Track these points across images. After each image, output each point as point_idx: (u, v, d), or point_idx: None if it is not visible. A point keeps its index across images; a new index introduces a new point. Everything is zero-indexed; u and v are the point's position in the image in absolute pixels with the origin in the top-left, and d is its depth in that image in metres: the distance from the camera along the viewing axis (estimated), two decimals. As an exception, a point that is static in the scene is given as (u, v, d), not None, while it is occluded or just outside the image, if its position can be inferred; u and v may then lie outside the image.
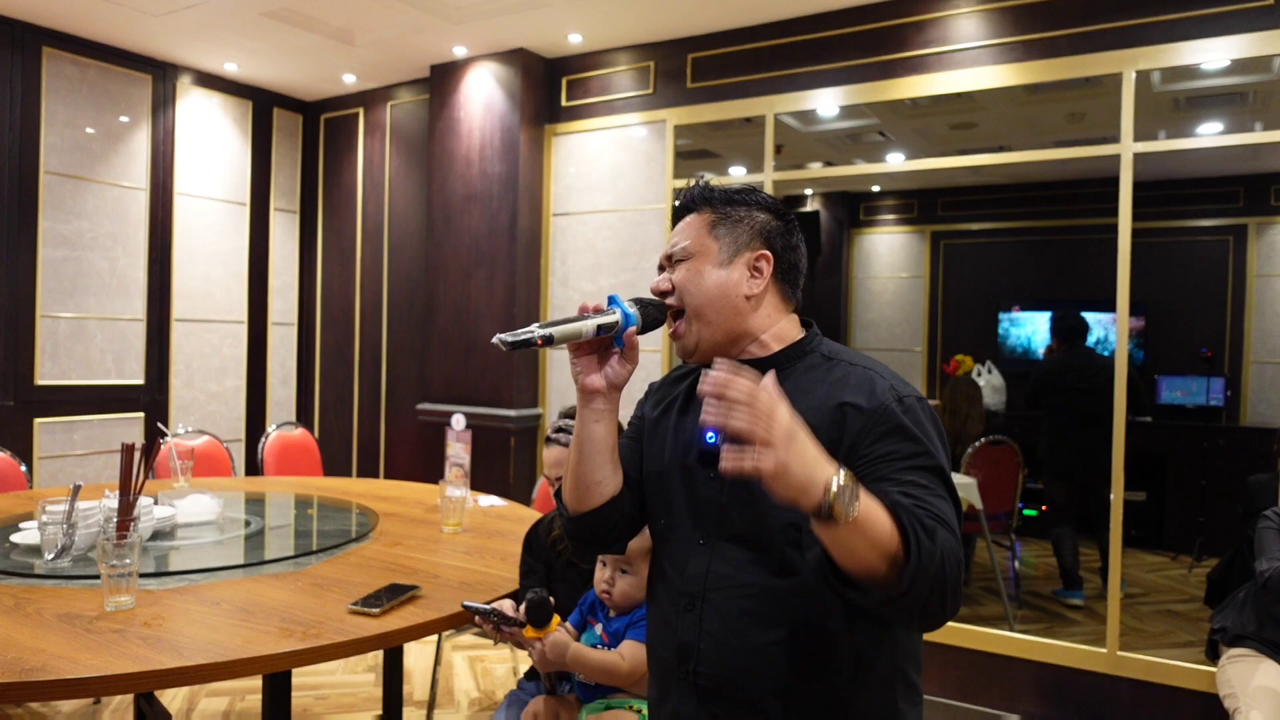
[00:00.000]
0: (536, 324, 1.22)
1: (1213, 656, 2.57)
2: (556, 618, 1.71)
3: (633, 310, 1.29)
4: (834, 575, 1.04)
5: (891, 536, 0.99)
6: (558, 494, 1.46)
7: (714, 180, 1.38)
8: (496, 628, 1.74)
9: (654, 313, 1.31)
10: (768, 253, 1.31)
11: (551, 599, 1.71)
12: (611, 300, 1.31)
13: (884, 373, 1.23)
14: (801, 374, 1.26)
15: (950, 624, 3.47)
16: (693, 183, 1.39)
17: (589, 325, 1.26)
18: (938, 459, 1.14)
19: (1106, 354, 4.60)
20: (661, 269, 1.38)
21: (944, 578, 1.02)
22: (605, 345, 1.33)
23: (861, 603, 1.05)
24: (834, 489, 0.94)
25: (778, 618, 1.19)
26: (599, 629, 1.81)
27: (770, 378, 0.99)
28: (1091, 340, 4.67)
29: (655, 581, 1.37)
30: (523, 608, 1.67)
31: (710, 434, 1.23)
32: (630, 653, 1.70)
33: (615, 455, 1.35)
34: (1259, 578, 2.33)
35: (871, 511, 0.98)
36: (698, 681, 1.23)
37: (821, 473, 0.95)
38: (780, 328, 1.32)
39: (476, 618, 1.72)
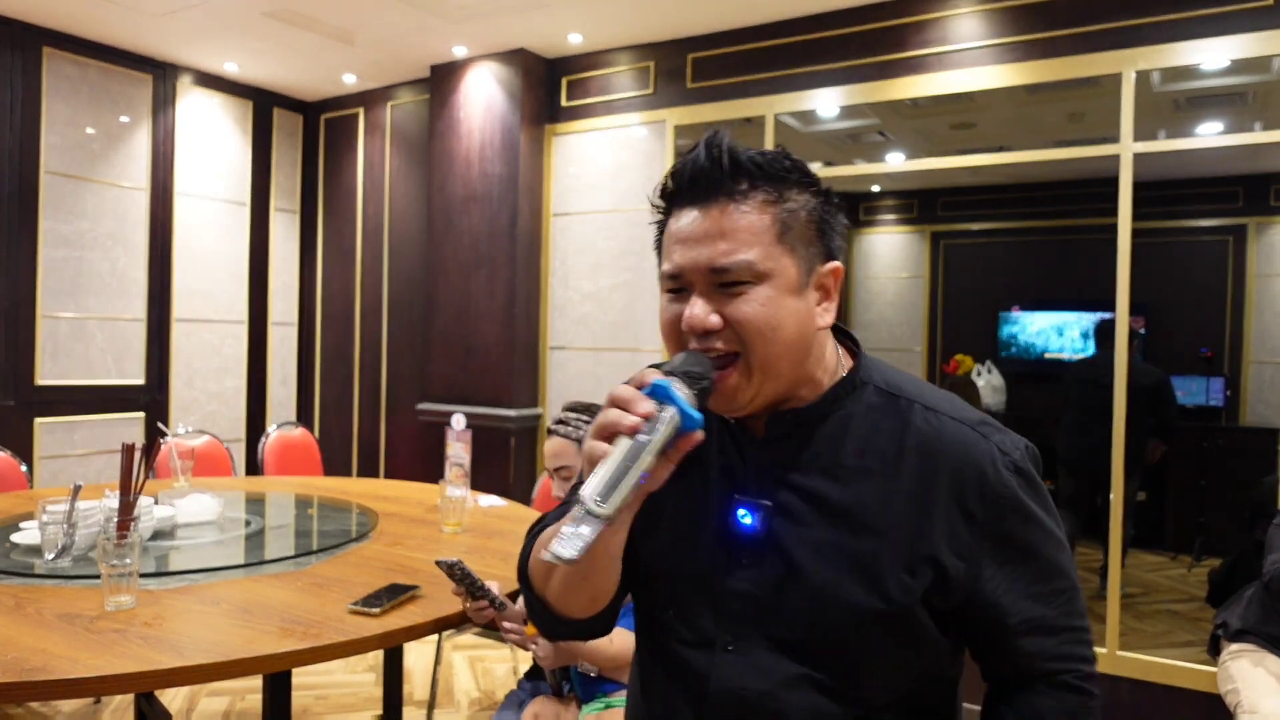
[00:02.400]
0: (581, 506, 0.80)
1: (1214, 653, 2.57)
2: None
3: (692, 402, 0.85)
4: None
5: None
6: (527, 585, 1.10)
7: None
8: (469, 593, 1.75)
9: (706, 385, 0.88)
10: (840, 265, 0.96)
11: None
12: (658, 391, 0.85)
13: (978, 423, 0.92)
14: (861, 418, 0.95)
15: (950, 624, 3.47)
16: (710, 140, 0.97)
17: (647, 460, 0.82)
18: (1068, 555, 0.92)
19: (1140, 359, 4.62)
20: (678, 286, 0.94)
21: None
22: None
23: None
24: None
25: None
26: None
27: None
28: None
29: (654, 688, 1.03)
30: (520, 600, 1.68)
31: (745, 511, 0.94)
32: (620, 638, 1.71)
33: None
34: (1264, 576, 2.33)
35: None
36: None
37: None
38: (828, 354, 0.99)
39: (455, 583, 1.74)
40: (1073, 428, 4.46)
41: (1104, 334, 4.51)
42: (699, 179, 0.95)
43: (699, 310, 0.90)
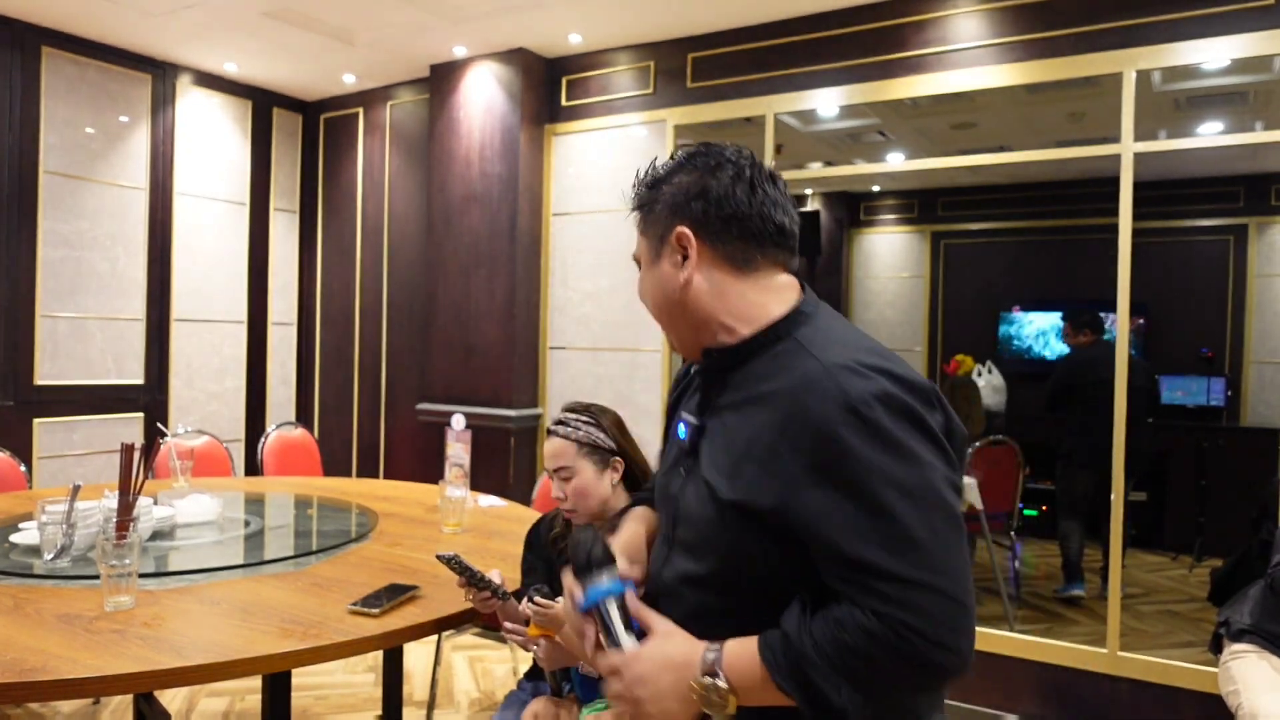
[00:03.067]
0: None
1: (1216, 650, 2.57)
2: None
3: (609, 574, 1.05)
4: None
5: (787, 697, 0.94)
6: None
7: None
8: (469, 584, 1.76)
9: (600, 555, 1.06)
10: (684, 228, 1.09)
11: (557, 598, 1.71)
12: (592, 597, 1.05)
13: (837, 366, 0.96)
14: (764, 366, 1.06)
15: (950, 624, 3.47)
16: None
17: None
18: (905, 500, 0.90)
19: (1134, 353, 4.59)
20: None
21: (897, 689, 0.94)
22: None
23: None
24: (700, 692, 0.95)
25: (723, 625, 1.02)
26: None
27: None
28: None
29: None
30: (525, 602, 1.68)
31: (682, 425, 1.15)
32: None
33: None
34: (1269, 575, 2.33)
35: (757, 689, 0.94)
36: None
37: (677, 702, 0.97)
38: (748, 306, 1.09)
39: (458, 575, 1.75)
40: (1078, 427, 4.43)
41: (1093, 322, 4.47)
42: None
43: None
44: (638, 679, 0.98)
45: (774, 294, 1.10)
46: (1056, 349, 5.89)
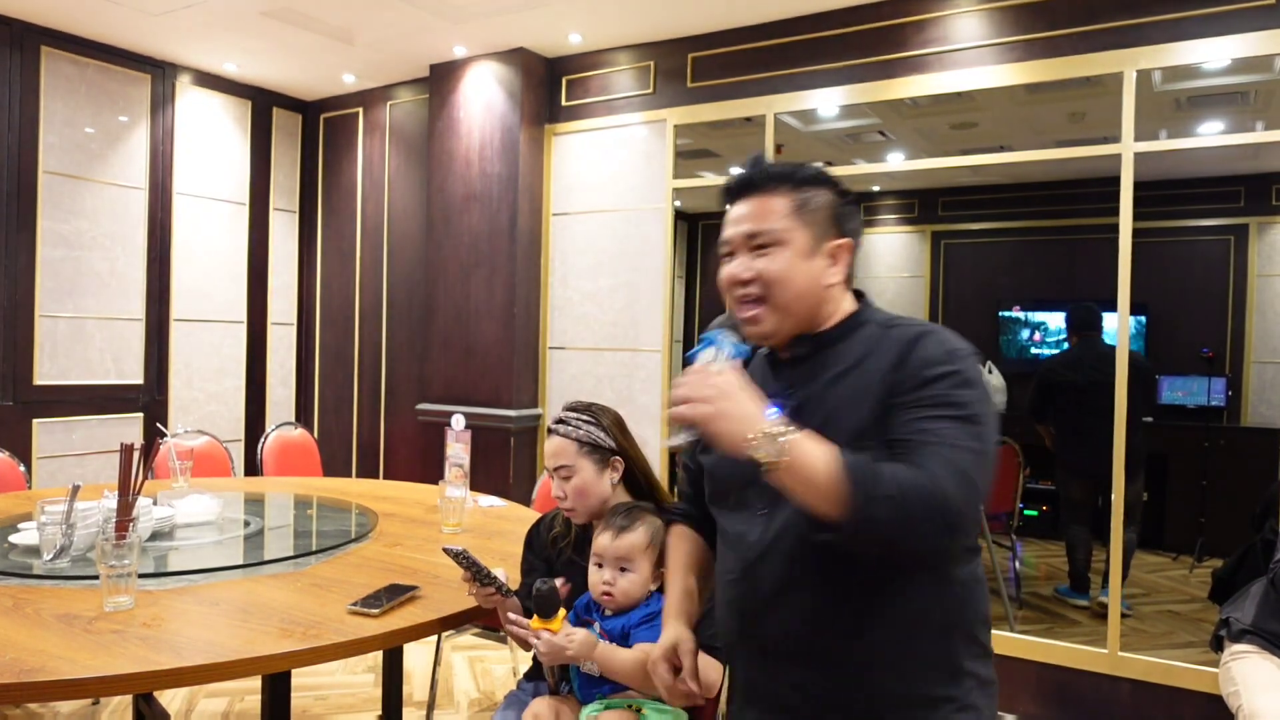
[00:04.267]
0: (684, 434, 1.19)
1: (1217, 649, 2.56)
2: (562, 610, 1.71)
3: (737, 339, 1.27)
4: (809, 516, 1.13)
5: (828, 485, 1.07)
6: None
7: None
8: (474, 579, 1.75)
9: (737, 325, 1.31)
10: (849, 241, 1.32)
11: (559, 588, 1.71)
12: (706, 340, 1.25)
13: (939, 331, 1.26)
14: (860, 342, 1.29)
15: (951, 624, 3.47)
16: (749, 160, 1.34)
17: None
18: (977, 409, 1.17)
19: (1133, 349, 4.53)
20: (728, 252, 1.31)
21: (905, 529, 1.08)
22: None
23: (833, 540, 1.13)
24: (756, 435, 1.06)
25: (834, 570, 1.22)
26: (597, 627, 1.81)
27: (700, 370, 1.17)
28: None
29: (721, 557, 1.40)
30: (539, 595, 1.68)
31: (774, 407, 1.21)
32: (631, 653, 1.70)
33: None
34: (1270, 573, 2.33)
35: (809, 458, 1.08)
36: (757, 644, 1.28)
37: (751, 424, 1.08)
38: (843, 307, 1.35)
39: (464, 570, 1.75)
40: (1071, 433, 4.38)
41: (1077, 322, 4.41)
42: (743, 183, 1.31)
43: (735, 266, 1.29)
44: (724, 388, 1.12)
45: (851, 299, 1.39)
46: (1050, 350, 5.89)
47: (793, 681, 1.25)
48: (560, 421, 1.98)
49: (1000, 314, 6.12)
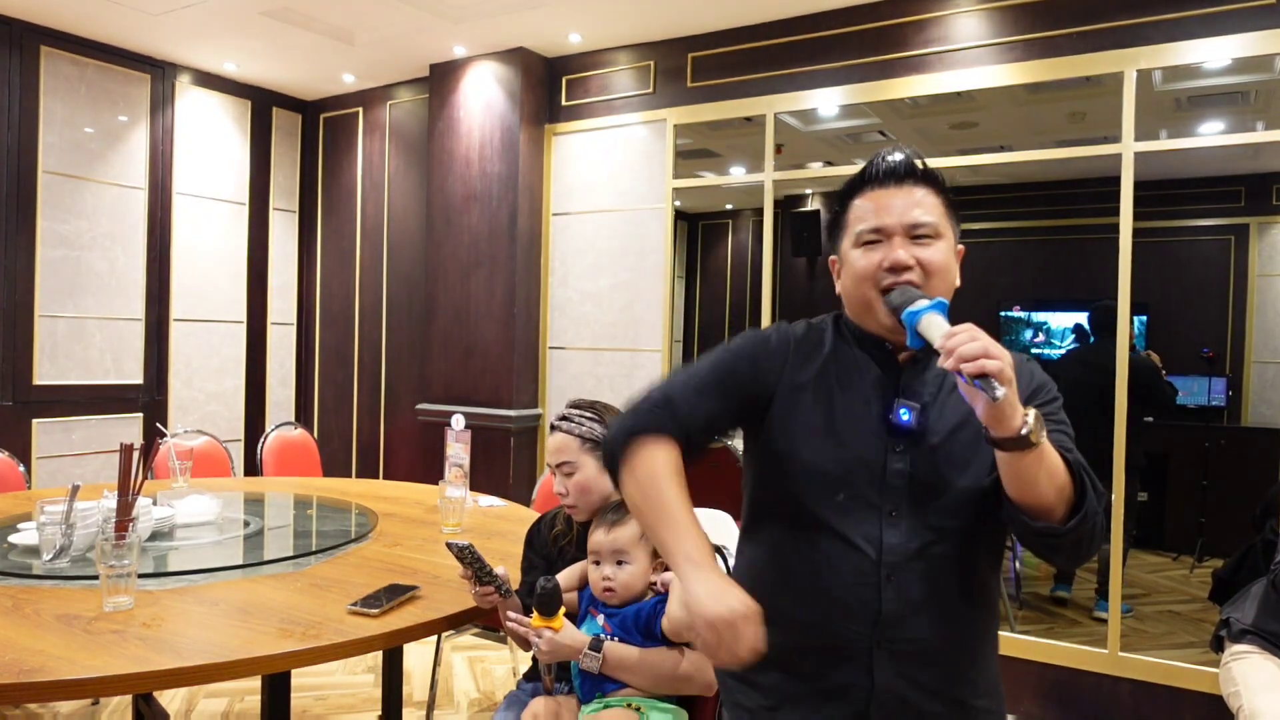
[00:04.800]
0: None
1: (1217, 649, 2.56)
2: (564, 608, 1.71)
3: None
4: (1009, 502, 1.17)
5: (1064, 475, 1.15)
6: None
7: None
8: (476, 577, 1.75)
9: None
10: (963, 248, 1.37)
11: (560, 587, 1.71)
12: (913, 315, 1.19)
13: (1031, 360, 1.37)
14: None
15: (951, 624, 3.47)
16: (894, 148, 1.35)
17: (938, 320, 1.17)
18: (1072, 431, 1.29)
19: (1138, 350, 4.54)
20: (876, 239, 1.29)
21: (1097, 528, 1.17)
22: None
23: (1027, 527, 1.16)
24: (1031, 415, 1.09)
25: (964, 573, 1.28)
26: (600, 619, 1.81)
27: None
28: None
29: (830, 546, 1.30)
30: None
31: (904, 410, 1.26)
32: (701, 662, 1.69)
33: None
34: (1271, 573, 2.33)
35: (1051, 450, 1.13)
36: (895, 648, 1.27)
37: (1020, 405, 1.10)
38: None
39: (464, 567, 1.75)
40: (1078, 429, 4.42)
41: (1091, 324, 4.45)
42: (893, 171, 1.31)
43: (901, 253, 1.25)
44: (1007, 355, 1.10)
45: None
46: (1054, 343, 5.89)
47: (914, 679, 1.27)
48: (563, 418, 1.99)
49: (1001, 314, 6.11)
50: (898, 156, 1.31)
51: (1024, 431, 1.08)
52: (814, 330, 1.40)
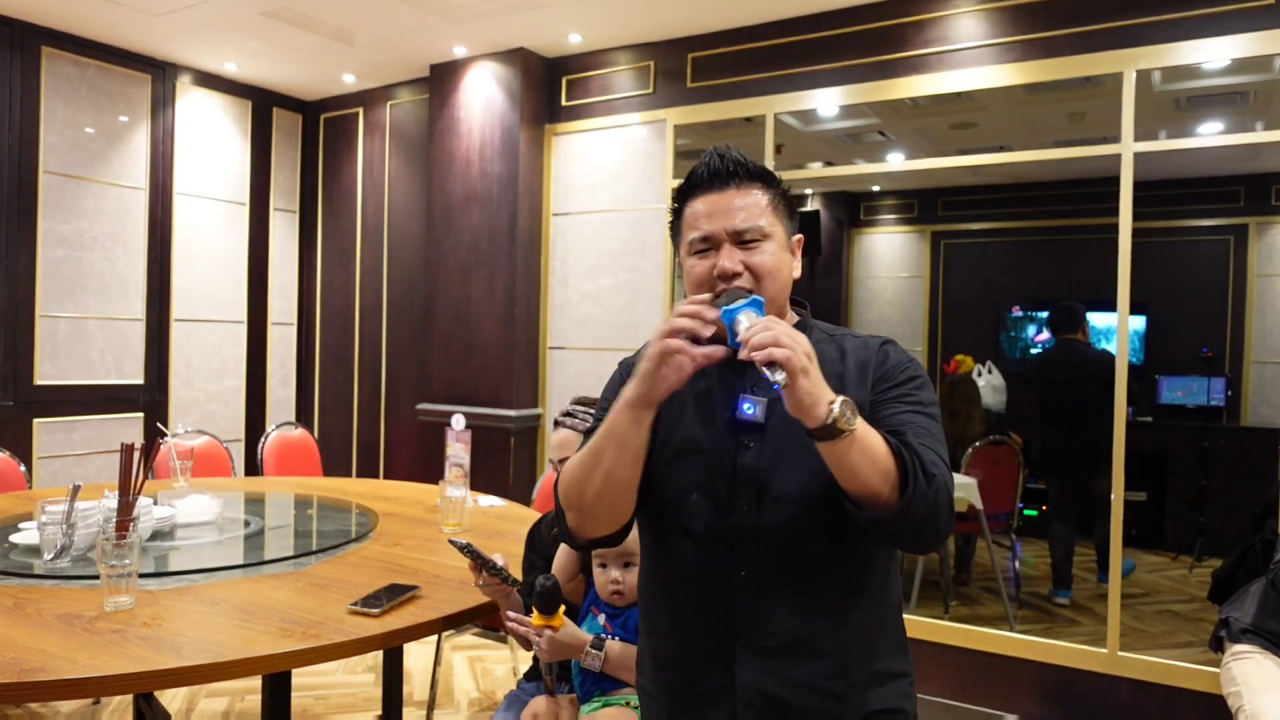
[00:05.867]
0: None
1: (1216, 648, 2.57)
2: (564, 607, 1.72)
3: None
4: (840, 491, 1.16)
5: (887, 460, 1.13)
6: (559, 512, 1.37)
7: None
8: (478, 570, 1.78)
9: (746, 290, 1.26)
10: (801, 236, 1.37)
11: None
12: (726, 315, 1.16)
13: (896, 342, 1.38)
14: (816, 345, 1.28)
15: (950, 624, 3.47)
16: (716, 151, 1.32)
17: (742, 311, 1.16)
18: (936, 410, 1.30)
19: (1097, 346, 4.56)
20: (706, 248, 1.29)
21: (934, 511, 1.15)
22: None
23: (855, 517, 1.16)
24: (837, 403, 1.08)
25: (824, 561, 1.26)
26: (601, 619, 1.81)
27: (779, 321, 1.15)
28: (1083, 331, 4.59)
29: (682, 557, 1.31)
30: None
31: (749, 405, 1.23)
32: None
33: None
34: (1270, 572, 2.33)
35: (870, 434, 1.12)
36: (758, 644, 1.25)
37: (827, 393, 1.10)
38: (789, 307, 1.40)
39: (469, 560, 1.78)
40: (1041, 436, 4.46)
41: (1055, 322, 4.48)
42: (717, 174, 1.31)
43: (728, 261, 1.26)
44: (808, 347, 1.10)
45: None
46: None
47: (782, 674, 1.24)
48: (567, 414, 2.00)
49: (1003, 314, 6.12)
50: (720, 159, 1.30)
51: (829, 420, 1.07)
52: None
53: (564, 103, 4.42)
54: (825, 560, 1.26)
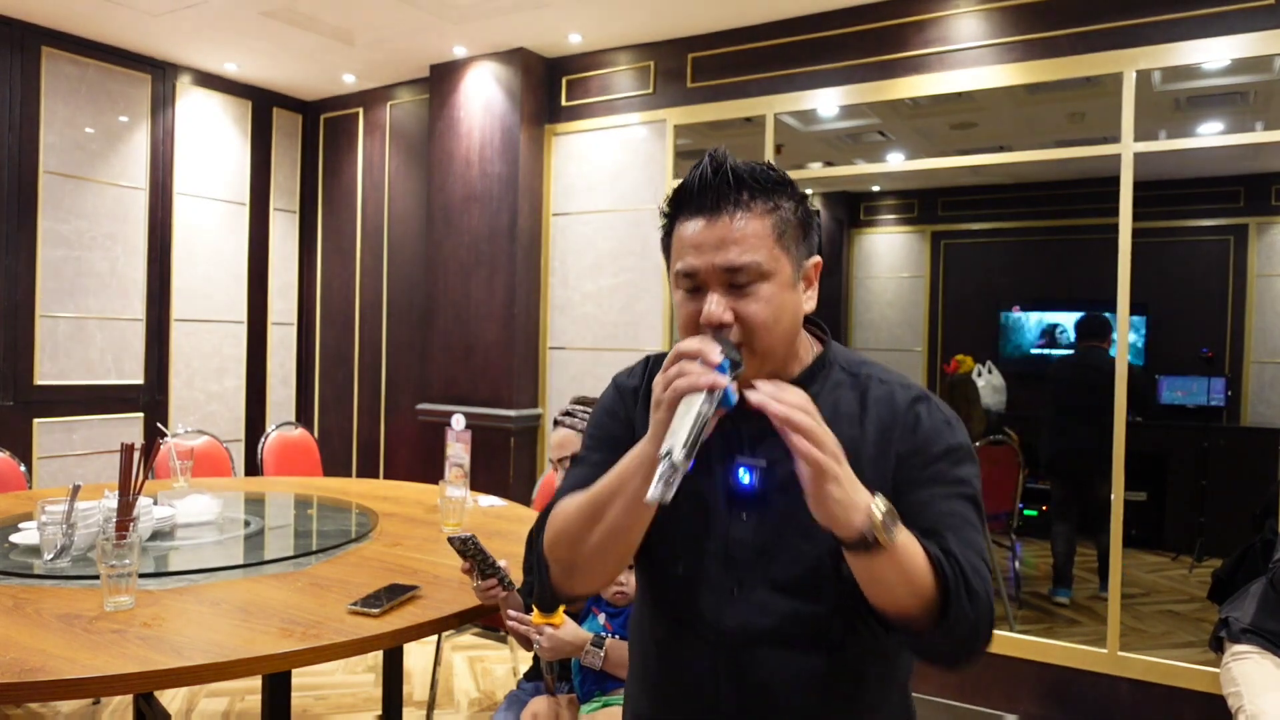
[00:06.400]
0: (669, 459, 0.91)
1: (1216, 648, 2.57)
2: (563, 605, 1.72)
3: (732, 385, 1.00)
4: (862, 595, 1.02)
5: (926, 577, 0.96)
6: (538, 565, 1.20)
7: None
8: (477, 569, 1.77)
9: (739, 372, 1.03)
10: (820, 259, 1.14)
11: None
12: (721, 370, 0.98)
13: (920, 388, 1.15)
14: (831, 391, 1.13)
15: (951, 624, 3.47)
16: (713, 157, 1.08)
17: (709, 424, 0.95)
18: (978, 487, 1.10)
19: (1111, 353, 4.59)
20: (693, 285, 1.07)
21: (976, 635, 0.99)
22: None
23: (884, 626, 1.03)
24: (878, 511, 0.92)
25: (831, 650, 1.09)
26: (601, 618, 1.82)
27: (807, 398, 0.96)
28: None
29: (673, 629, 1.16)
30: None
31: (745, 471, 1.08)
32: None
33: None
34: (1269, 572, 2.33)
35: (910, 546, 0.95)
36: None
37: (862, 495, 0.93)
38: (806, 340, 1.18)
39: (466, 562, 1.76)
40: (1053, 434, 4.48)
41: (1081, 329, 4.51)
42: (706, 191, 1.07)
43: (716, 308, 1.04)
44: (835, 441, 0.94)
45: (804, 330, 1.20)
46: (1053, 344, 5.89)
47: None
48: (567, 414, 2.00)
49: (1002, 314, 6.12)
50: (714, 170, 1.07)
51: (866, 532, 0.91)
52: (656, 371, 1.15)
53: (564, 103, 4.42)
54: (835, 661, 1.09)
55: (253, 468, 4.40)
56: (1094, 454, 3.22)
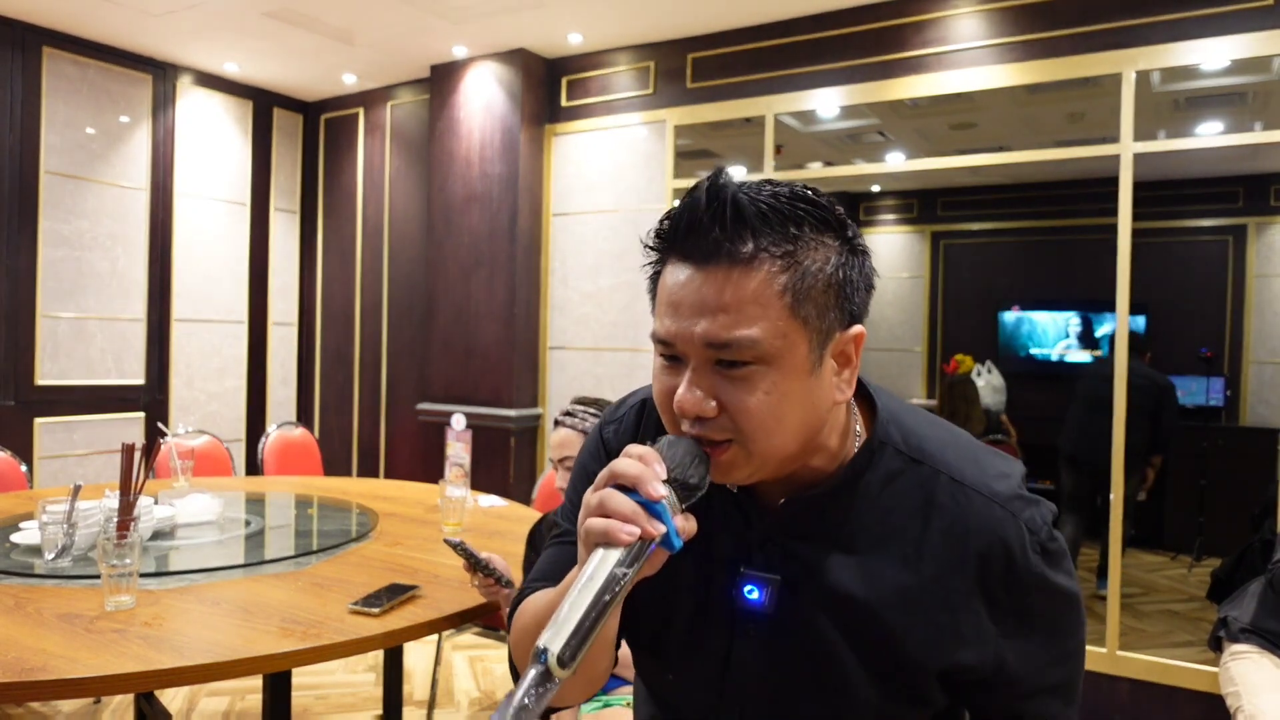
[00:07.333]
0: (541, 664, 0.66)
1: (1215, 648, 2.57)
2: None
3: (677, 521, 0.74)
4: None
5: None
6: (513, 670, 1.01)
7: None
8: (474, 570, 1.80)
9: (698, 499, 0.78)
10: (863, 329, 0.81)
11: None
12: (652, 509, 0.73)
13: (1009, 499, 0.82)
14: (881, 487, 0.84)
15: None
16: (711, 183, 0.78)
17: (621, 594, 0.72)
18: (1083, 654, 0.88)
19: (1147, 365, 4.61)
20: (670, 355, 0.81)
21: None
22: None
23: None
24: None
25: None
26: None
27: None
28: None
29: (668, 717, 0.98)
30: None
31: (752, 588, 0.85)
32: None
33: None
34: (1269, 572, 2.34)
35: None
36: None
37: None
38: (850, 425, 0.87)
39: (464, 560, 1.80)
40: (1077, 427, 4.48)
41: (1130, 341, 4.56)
42: (696, 231, 0.78)
43: (691, 397, 0.76)
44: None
45: (851, 402, 0.88)
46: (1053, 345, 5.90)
47: None
48: (567, 414, 2.01)
49: (1001, 314, 6.12)
50: (708, 200, 0.77)
51: None
52: (650, 420, 0.92)
53: (564, 103, 4.43)
54: None
55: (253, 468, 4.41)
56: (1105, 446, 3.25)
